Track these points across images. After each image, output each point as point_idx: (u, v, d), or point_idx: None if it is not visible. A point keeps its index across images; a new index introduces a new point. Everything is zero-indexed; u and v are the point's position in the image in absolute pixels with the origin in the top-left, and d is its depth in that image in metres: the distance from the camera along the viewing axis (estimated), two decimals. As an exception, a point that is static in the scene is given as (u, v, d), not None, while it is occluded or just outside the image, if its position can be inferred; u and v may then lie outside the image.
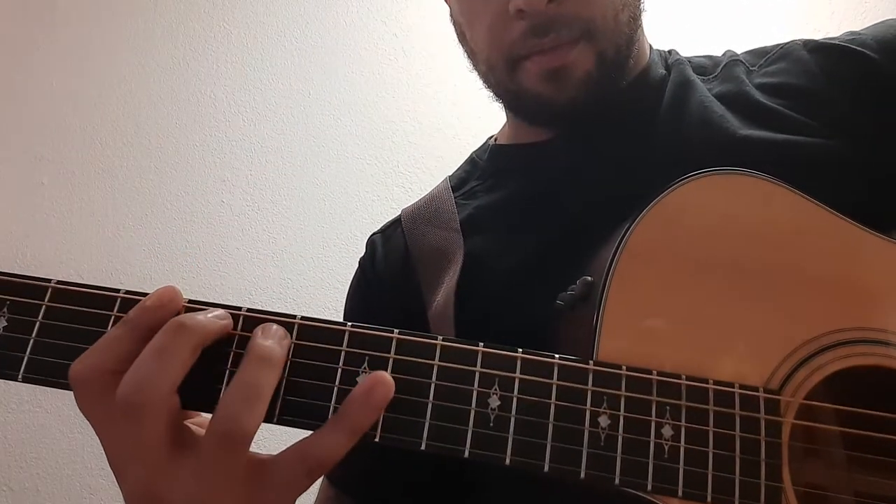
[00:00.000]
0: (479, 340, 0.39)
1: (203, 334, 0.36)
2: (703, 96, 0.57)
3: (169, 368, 0.35)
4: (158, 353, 0.35)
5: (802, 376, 0.40)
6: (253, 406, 0.35)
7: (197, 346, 0.36)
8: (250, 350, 0.36)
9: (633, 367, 0.39)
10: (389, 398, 0.37)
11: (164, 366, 0.35)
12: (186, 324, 0.36)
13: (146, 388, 0.34)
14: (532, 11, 0.52)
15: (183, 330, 0.36)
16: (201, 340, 0.36)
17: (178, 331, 0.36)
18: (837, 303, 0.42)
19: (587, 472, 0.37)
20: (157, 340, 0.36)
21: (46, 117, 1.56)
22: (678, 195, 0.44)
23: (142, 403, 0.34)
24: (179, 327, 0.36)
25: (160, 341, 0.36)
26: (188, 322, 0.36)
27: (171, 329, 0.36)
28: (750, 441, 0.38)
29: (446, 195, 0.65)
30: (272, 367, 0.36)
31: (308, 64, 1.61)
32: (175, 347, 0.35)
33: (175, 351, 0.35)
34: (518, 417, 0.37)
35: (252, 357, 0.36)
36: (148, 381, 0.35)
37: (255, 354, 0.36)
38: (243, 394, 0.35)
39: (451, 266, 0.58)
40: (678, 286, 0.42)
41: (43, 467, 1.34)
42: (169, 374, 0.35)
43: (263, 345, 0.37)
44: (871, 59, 0.54)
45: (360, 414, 0.36)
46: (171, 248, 1.49)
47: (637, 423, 0.38)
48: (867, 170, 0.51)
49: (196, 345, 0.36)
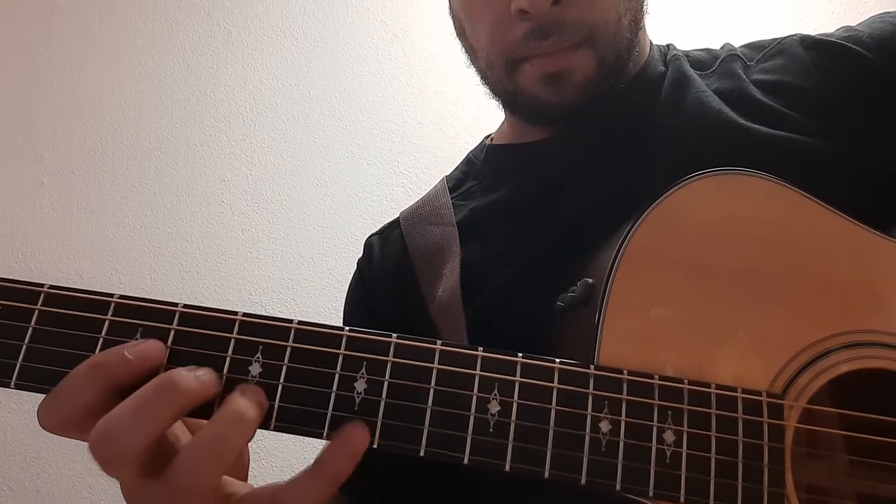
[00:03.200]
0: (477, 342, 0.38)
1: (192, 400, 0.34)
2: (700, 91, 0.57)
3: (145, 429, 0.33)
4: (139, 410, 0.33)
5: (806, 380, 0.40)
6: (215, 464, 0.34)
7: (181, 412, 0.34)
8: (226, 405, 0.35)
9: (634, 371, 0.38)
10: (367, 445, 0.36)
11: (141, 426, 0.33)
12: (178, 385, 0.34)
13: (116, 444, 0.33)
14: (535, 13, 0.51)
15: (171, 393, 0.34)
16: (187, 405, 0.34)
17: (164, 393, 0.34)
18: (842, 305, 0.42)
19: (588, 478, 0.36)
20: (140, 397, 0.34)
21: (46, 117, 1.55)
22: (680, 196, 0.43)
23: (111, 459, 0.33)
24: (169, 389, 0.34)
25: (142, 399, 0.33)
26: (180, 383, 0.34)
27: (159, 387, 0.34)
28: (753, 446, 0.38)
29: (443, 194, 0.65)
30: (244, 427, 0.35)
31: (308, 64, 1.61)
32: (157, 410, 0.33)
33: (157, 413, 0.33)
34: (518, 423, 0.37)
35: (225, 413, 0.34)
36: (119, 437, 0.33)
37: (229, 410, 0.35)
38: (208, 450, 0.34)
39: (448, 259, 0.58)
40: (680, 289, 0.41)
41: (43, 467, 1.34)
42: (144, 434, 0.33)
43: (240, 402, 0.35)
44: (866, 57, 0.54)
45: (339, 465, 0.35)
46: (171, 248, 1.49)
47: (638, 428, 0.37)
48: (863, 169, 0.51)
49: (180, 411, 0.34)
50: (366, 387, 0.37)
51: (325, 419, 0.37)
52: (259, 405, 0.36)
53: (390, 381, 0.37)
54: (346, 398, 0.37)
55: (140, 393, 0.34)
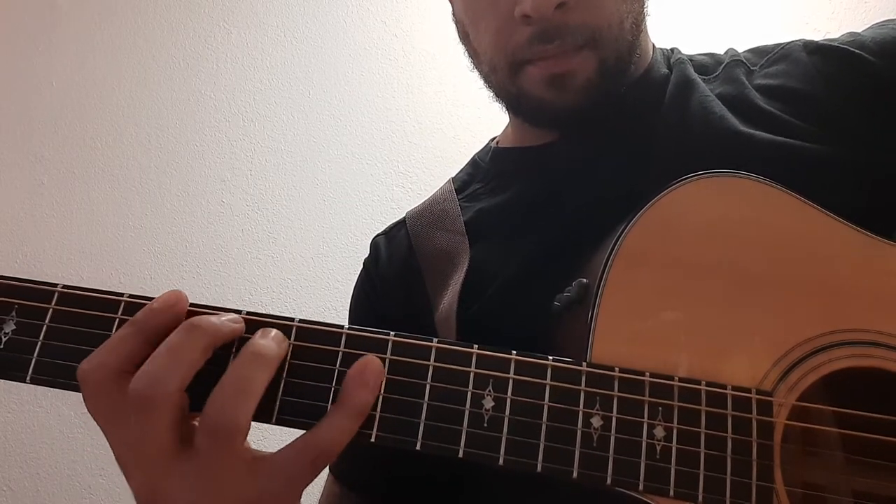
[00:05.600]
0: (479, 342, 0.39)
1: (215, 336, 0.37)
2: (704, 95, 0.57)
3: (180, 366, 0.36)
4: (172, 350, 0.37)
5: (796, 378, 0.41)
6: (242, 400, 0.36)
7: (208, 346, 0.37)
8: (245, 347, 0.38)
9: (625, 368, 0.39)
10: (382, 376, 0.38)
11: (176, 363, 0.36)
12: (200, 324, 0.37)
13: (158, 383, 0.36)
14: (539, 17, 0.52)
15: (196, 330, 0.37)
16: (213, 341, 0.37)
17: (191, 331, 0.37)
18: (833, 304, 0.42)
19: (579, 471, 0.37)
20: (172, 339, 0.37)
21: (46, 117, 1.56)
22: (674, 197, 0.44)
23: (153, 397, 0.36)
24: (193, 328, 0.37)
25: (174, 340, 0.37)
26: (202, 323, 0.37)
27: (185, 329, 0.37)
28: (741, 442, 0.38)
29: (450, 197, 0.65)
30: (265, 363, 0.37)
31: (308, 64, 1.61)
32: (188, 346, 0.37)
33: (187, 350, 0.37)
34: (512, 418, 0.38)
35: (246, 353, 0.37)
36: (160, 376, 0.36)
37: (249, 350, 0.37)
38: (233, 387, 0.36)
39: (456, 269, 0.59)
40: (672, 288, 0.42)
41: (43, 467, 1.34)
42: (180, 371, 0.36)
43: (259, 342, 0.38)
44: (870, 62, 0.54)
45: (358, 394, 0.37)
46: (171, 248, 1.49)
47: (629, 423, 0.38)
48: (864, 174, 0.51)
49: (207, 345, 0.37)
50: (364, 382, 0.38)
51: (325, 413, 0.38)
52: (279, 343, 0.38)
53: (388, 377, 0.38)
54: None
55: (171, 336, 0.37)
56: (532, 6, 0.51)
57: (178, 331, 0.37)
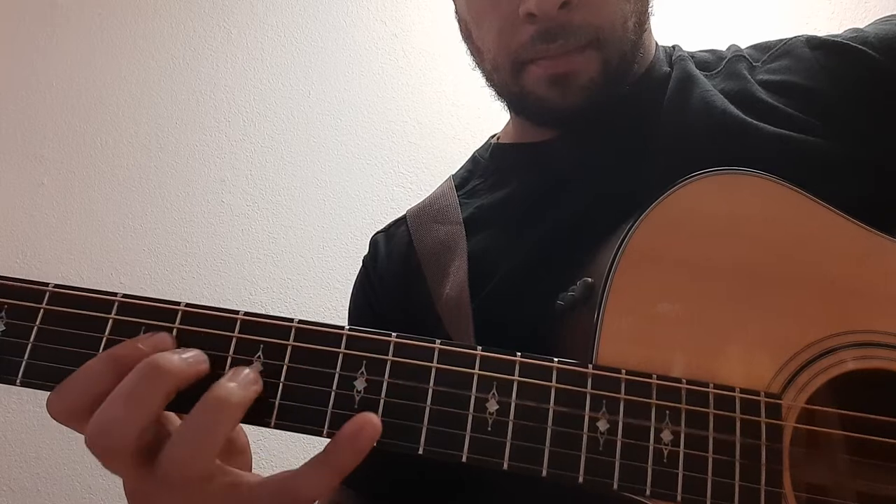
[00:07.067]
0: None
1: (177, 381, 0.34)
2: (705, 91, 0.57)
3: (138, 416, 0.33)
4: (129, 399, 0.33)
5: (805, 379, 0.40)
6: (198, 451, 0.34)
7: (170, 393, 0.34)
8: (210, 391, 0.34)
9: (632, 370, 0.38)
10: (376, 440, 0.36)
11: (133, 413, 0.33)
12: (162, 367, 0.34)
13: (111, 435, 0.33)
14: (543, 17, 0.52)
15: (157, 375, 0.34)
16: (175, 387, 0.34)
17: (151, 375, 0.34)
18: (842, 305, 0.42)
19: (585, 476, 0.36)
20: (128, 384, 0.34)
21: (46, 117, 1.56)
22: (680, 196, 0.43)
23: (109, 447, 0.34)
24: (153, 371, 0.34)
25: (132, 385, 0.34)
26: (164, 365, 0.34)
27: (146, 372, 0.34)
28: (750, 446, 0.38)
29: (450, 193, 0.65)
30: (228, 413, 0.34)
31: (308, 64, 1.61)
32: (147, 394, 0.33)
33: (146, 398, 0.33)
34: (516, 422, 0.37)
35: (209, 399, 0.34)
36: (114, 428, 0.33)
37: (212, 396, 0.34)
38: (189, 437, 0.34)
39: (455, 257, 0.58)
40: (679, 289, 0.41)
41: (43, 467, 1.34)
42: (137, 422, 0.33)
43: (225, 387, 0.34)
44: (872, 57, 0.54)
45: (345, 456, 0.35)
46: (171, 248, 1.49)
47: (636, 427, 0.37)
48: (867, 169, 0.51)
49: (169, 392, 0.34)
50: (365, 385, 0.38)
51: (325, 417, 0.37)
52: (244, 388, 0.35)
53: (389, 380, 0.38)
54: (346, 397, 0.37)
55: (127, 379, 0.34)
56: (536, 5, 0.51)
57: (139, 372, 0.34)
